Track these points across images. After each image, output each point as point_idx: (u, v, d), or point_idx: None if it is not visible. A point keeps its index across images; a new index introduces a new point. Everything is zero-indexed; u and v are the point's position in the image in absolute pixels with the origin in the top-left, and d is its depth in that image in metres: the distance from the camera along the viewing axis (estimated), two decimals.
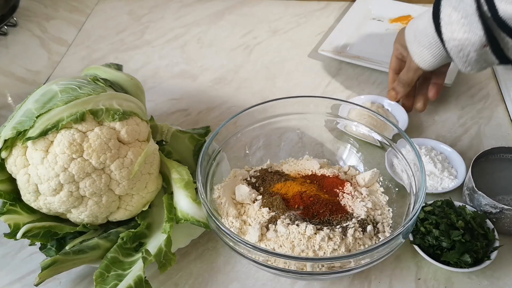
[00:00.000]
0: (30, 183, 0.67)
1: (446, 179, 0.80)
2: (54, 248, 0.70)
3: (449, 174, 0.81)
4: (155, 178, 0.74)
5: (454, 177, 0.81)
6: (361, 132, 0.79)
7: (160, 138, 0.83)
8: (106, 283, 0.64)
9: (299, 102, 0.80)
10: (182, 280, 0.71)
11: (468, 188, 0.75)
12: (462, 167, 0.82)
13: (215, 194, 0.74)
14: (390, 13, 1.20)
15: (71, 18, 1.27)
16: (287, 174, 0.79)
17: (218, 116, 0.98)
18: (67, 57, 1.15)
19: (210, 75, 1.08)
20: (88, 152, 0.66)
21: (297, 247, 0.67)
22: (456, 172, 0.82)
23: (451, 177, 0.80)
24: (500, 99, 0.98)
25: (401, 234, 0.61)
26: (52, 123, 0.65)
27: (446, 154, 0.84)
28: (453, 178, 0.80)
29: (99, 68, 0.80)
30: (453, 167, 0.82)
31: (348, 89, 1.02)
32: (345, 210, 0.72)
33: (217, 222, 0.63)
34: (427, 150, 0.83)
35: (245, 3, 1.30)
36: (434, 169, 0.81)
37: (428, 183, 0.79)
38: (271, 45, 1.16)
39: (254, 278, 0.71)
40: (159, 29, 1.23)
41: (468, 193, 0.75)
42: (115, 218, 0.72)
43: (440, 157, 0.83)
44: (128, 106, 0.71)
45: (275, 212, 0.71)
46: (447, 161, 0.83)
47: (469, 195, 0.75)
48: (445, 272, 0.70)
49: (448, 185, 0.79)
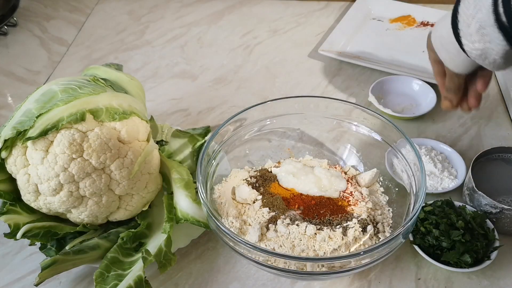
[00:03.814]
0: (30, 183, 0.67)
1: (446, 179, 0.80)
2: (54, 248, 0.70)
3: (449, 174, 0.81)
4: (155, 178, 0.74)
5: (454, 177, 0.81)
6: (361, 132, 0.79)
7: (160, 138, 0.83)
8: (106, 283, 0.64)
9: (299, 102, 0.80)
10: (182, 280, 0.71)
11: (468, 188, 0.75)
12: (462, 167, 0.82)
13: (215, 194, 0.74)
14: (390, 13, 1.20)
15: (71, 18, 1.27)
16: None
17: (218, 116, 0.98)
18: (67, 57, 1.15)
19: (210, 75, 1.08)
20: (88, 152, 0.66)
21: (297, 247, 0.67)
22: (456, 172, 0.82)
23: (451, 177, 0.80)
24: (500, 99, 0.98)
25: (401, 234, 0.61)
26: (52, 123, 0.65)
27: (446, 154, 0.84)
28: (453, 178, 0.80)
29: (99, 68, 0.80)
30: (453, 167, 0.83)
31: (348, 89, 1.02)
32: (345, 210, 0.72)
33: (217, 222, 0.63)
34: (427, 150, 0.84)
35: (245, 3, 1.30)
36: (434, 169, 0.81)
37: (428, 183, 0.79)
38: (271, 45, 1.16)
39: (254, 278, 0.71)
40: (159, 29, 1.23)
41: (468, 193, 0.75)
42: (115, 218, 0.72)
43: (440, 157, 0.83)
44: (128, 106, 0.71)
45: (275, 212, 0.71)
46: (447, 161, 0.83)
47: (469, 195, 0.75)
48: (445, 272, 0.70)
49: (448, 185, 0.79)
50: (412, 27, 1.16)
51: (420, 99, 0.96)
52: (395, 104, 0.96)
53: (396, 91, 0.98)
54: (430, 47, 0.76)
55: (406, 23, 1.17)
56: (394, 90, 0.98)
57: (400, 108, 0.96)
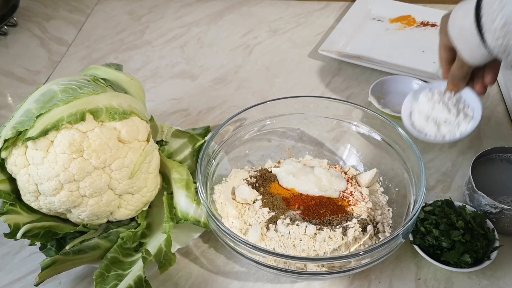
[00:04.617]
0: (30, 183, 0.67)
1: (462, 122, 0.74)
2: (54, 248, 0.70)
3: (465, 115, 0.75)
4: (154, 177, 0.74)
5: (471, 118, 0.74)
6: (361, 132, 0.79)
7: (160, 138, 0.83)
8: (106, 283, 0.64)
9: (299, 102, 0.80)
10: (182, 280, 0.71)
11: (468, 188, 0.75)
12: (477, 103, 0.74)
13: (215, 194, 0.74)
14: (390, 13, 1.20)
15: (71, 18, 1.27)
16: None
17: (218, 116, 0.98)
18: (67, 57, 1.15)
19: (210, 75, 1.08)
20: (88, 152, 0.66)
21: (298, 247, 0.67)
22: (472, 112, 0.75)
23: (467, 119, 0.74)
24: (500, 99, 0.98)
25: (401, 234, 0.61)
26: (52, 123, 0.65)
27: (460, 93, 0.76)
28: (469, 119, 0.74)
29: (99, 68, 0.80)
30: (468, 106, 0.75)
31: (348, 89, 1.02)
32: (345, 210, 0.72)
33: (217, 222, 0.63)
34: (440, 95, 0.77)
35: (245, 3, 1.30)
36: (449, 116, 0.75)
37: (444, 130, 0.75)
38: (271, 45, 1.16)
39: (254, 278, 0.71)
40: (159, 29, 1.23)
41: (468, 193, 0.75)
42: (115, 217, 0.72)
43: (454, 100, 0.76)
44: (128, 106, 0.71)
45: (275, 212, 0.71)
46: (461, 102, 0.76)
47: (469, 195, 0.75)
48: (445, 272, 0.70)
49: (465, 129, 0.74)
50: (412, 27, 1.16)
51: None
52: (395, 104, 0.96)
53: (396, 91, 0.98)
54: (444, 31, 0.72)
55: (406, 23, 1.17)
56: (394, 90, 0.98)
57: (400, 108, 0.95)
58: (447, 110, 0.75)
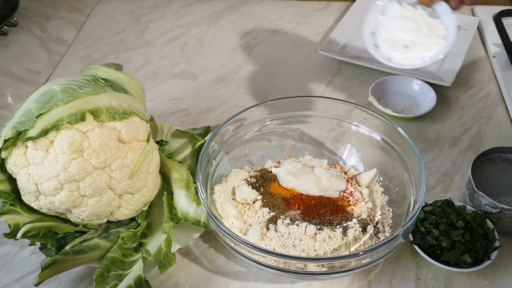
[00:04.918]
0: (30, 183, 0.67)
1: (433, 45, 0.65)
2: (54, 248, 0.70)
3: (437, 37, 0.66)
4: (155, 177, 0.74)
5: (443, 39, 0.65)
6: (361, 132, 0.79)
7: (160, 138, 0.83)
8: (106, 283, 0.64)
9: (299, 102, 0.80)
10: (182, 280, 0.71)
11: (468, 188, 0.75)
12: (451, 22, 0.65)
13: (215, 194, 0.74)
14: None
15: (71, 18, 1.27)
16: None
17: (218, 116, 0.98)
18: (67, 57, 1.15)
19: (210, 75, 1.08)
20: (88, 152, 0.66)
21: (298, 247, 0.67)
22: (445, 32, 0.65)
23: (439, 41, 0.66)
24: (500, 99, 0.98)
25: (401, 234, 0.61)
26: (52, 123, 0.65)
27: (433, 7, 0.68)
28: (442, 41, 0.65)
29: (99, 68, 0.80)
30: (442, 25, 0.66)
31: (348, 89, 1.02)
32: (345, 210, 0.72)
33: (217, 222, 0.63)
34: (410, 10, 0.67)
35: (245, 3, 1.30)
36: (419, 37, 0.66)
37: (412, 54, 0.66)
38: (271, 45, 1.16)
39: (254, 278, 0.71)
40: (159, 29, 1.23)
41: (468, 193, 0.75)
42: (116, 217, 0.72)
43: (426, 16, 0.67)
44: (128, 106, 0.71)
45: (275, 212, 0.71)
46: (434, 19, 0.67)
47: (469, 195, 0.75)
48: (445, 272, 0.70)
49: (437, 52, 0.65)
50: None
51: (420, 99, 0.96)
52: (395, 104, 0.96)
53: (396, 91, 0.98)
54: None
55: None
56: (394, 90, 0.98)
57: (400, 108, 0.96)
58: (417, 28, 0.67)
